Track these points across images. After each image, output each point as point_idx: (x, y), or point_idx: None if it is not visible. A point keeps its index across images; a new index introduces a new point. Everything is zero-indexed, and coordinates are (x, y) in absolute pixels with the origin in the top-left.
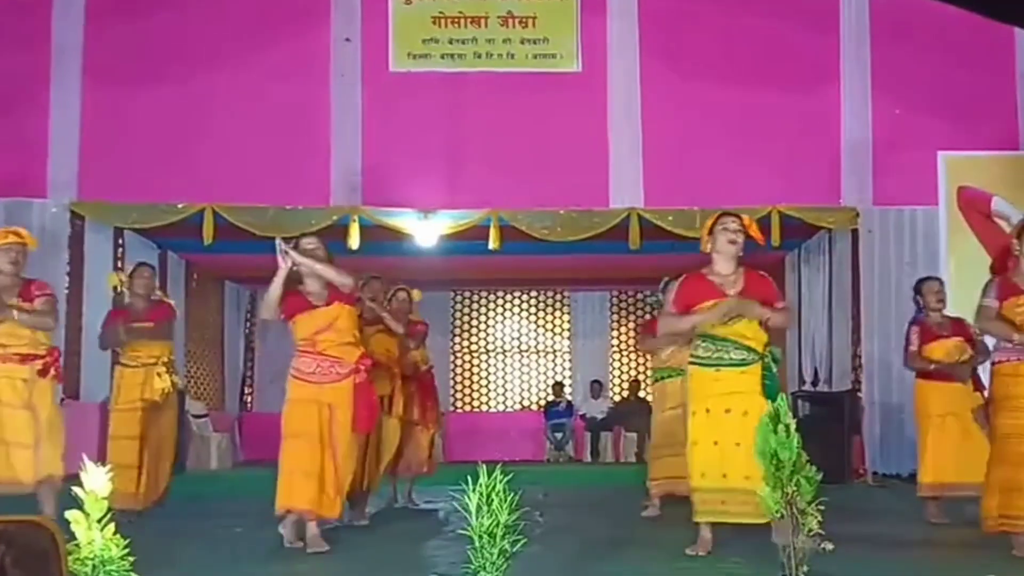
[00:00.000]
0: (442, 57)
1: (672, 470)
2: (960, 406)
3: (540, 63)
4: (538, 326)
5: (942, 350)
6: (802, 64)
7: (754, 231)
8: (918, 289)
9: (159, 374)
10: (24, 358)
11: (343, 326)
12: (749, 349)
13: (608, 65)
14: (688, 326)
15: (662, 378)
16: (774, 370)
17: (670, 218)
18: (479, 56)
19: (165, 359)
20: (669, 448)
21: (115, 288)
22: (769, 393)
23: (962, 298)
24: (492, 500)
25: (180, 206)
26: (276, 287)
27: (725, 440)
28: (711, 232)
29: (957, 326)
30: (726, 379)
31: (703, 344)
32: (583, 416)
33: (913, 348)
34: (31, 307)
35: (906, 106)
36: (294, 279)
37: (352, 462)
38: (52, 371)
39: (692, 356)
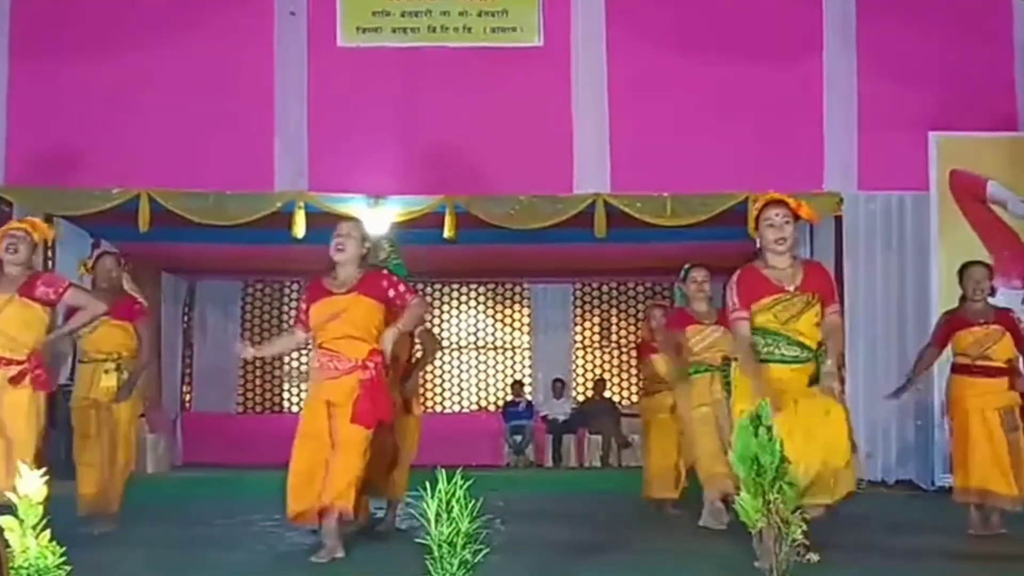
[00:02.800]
0: (394, 31)
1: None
2: None
3: (499, 37)
4: (496, 321)
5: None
6: (781, 36)
7: (805, 212)
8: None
9: (107, 371)
10: None
11: (354, 318)
12: (802, 346)
13: (572, 39)
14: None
15: (690, 374)
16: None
17: (639, 205)
18: (433, 30)
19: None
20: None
21: (81, 276)
22: None
23: (952, 285)
24: (452, 507)
25: (114, 191)
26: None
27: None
28: (756, 225)
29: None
30: (775, 376)
31: (756, 339)
32: (544, 417)
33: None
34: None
35: (894, 82)
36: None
37: (357, 459)
38: (27, 379)
39: None
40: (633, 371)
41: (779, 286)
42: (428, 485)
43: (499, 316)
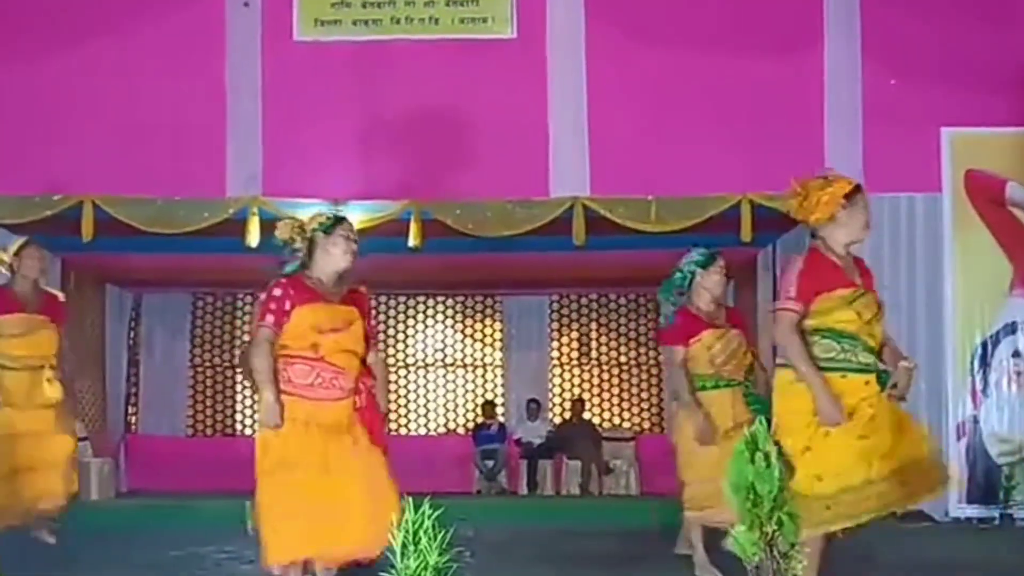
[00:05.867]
0: (354, 23)
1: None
2: None
3: (468, 28)
4: (465, 336)
5: None
6: (778, 25)
7: None
8: None
9: (48, 379)
10: None
11: (357, 334)
12: (873, 351)
13: (548, 29)
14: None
15: (705, 387)
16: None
17: (621, 209)
18: (397, 21)
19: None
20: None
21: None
22: None
23: (967, 297)
24: (420, 539)
25: (56, 198)
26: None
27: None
28: (848, 203)
29: None
30: (852, 389)
31: (823, 341)
32: (518, 441)
33: None
34: None
35: (903, 74)
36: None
37: (395, 492)
38: None
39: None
40: (615, 391)
41: (850, 279)
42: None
43: (469, 331)
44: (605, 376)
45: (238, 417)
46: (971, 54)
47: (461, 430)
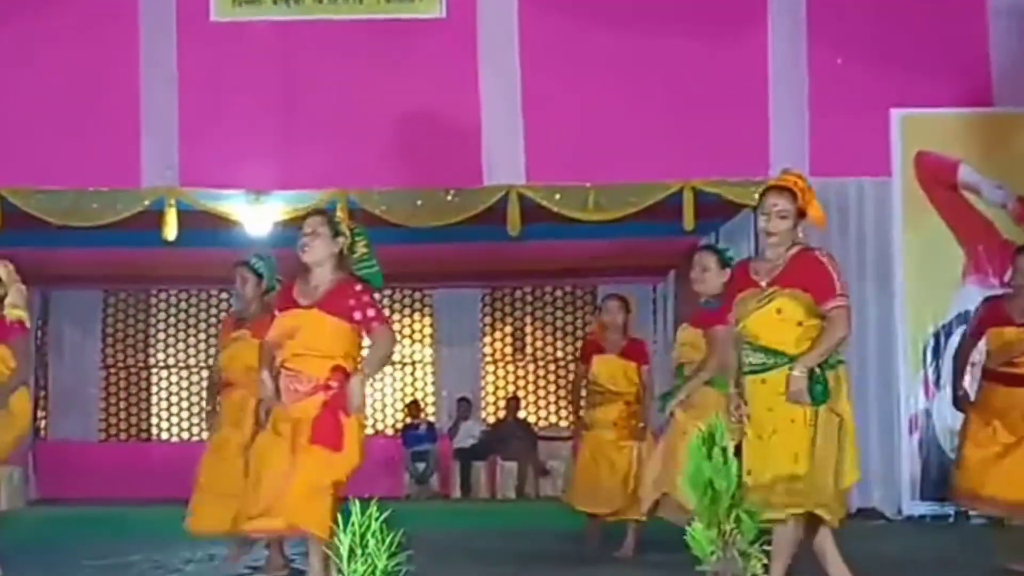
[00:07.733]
0: (275, 2)
1: None
2: None
3: (395, 8)
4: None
5: None
6: (720, 5)
7: (812, 213)
8: None
9: None
10: None
11: (311, 340)
12: (767, 351)
13: (478, 9)
14: None
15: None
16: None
17: (557, 197)
18: (320, 0)
19: None
20: None
21: None
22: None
23: (919, 286)
24: (367, 542)
25: None
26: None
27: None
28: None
29: None
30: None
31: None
32: (451, 435)
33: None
34: None
35: (850, 53)
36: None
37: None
38: None
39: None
40: (551, 388)
41: (755, 280)
42: (339, 518)
43: (397, 327)
44: (541, 373)
45: (153, 421)
46: (922, 33)
47: (390, 431)
